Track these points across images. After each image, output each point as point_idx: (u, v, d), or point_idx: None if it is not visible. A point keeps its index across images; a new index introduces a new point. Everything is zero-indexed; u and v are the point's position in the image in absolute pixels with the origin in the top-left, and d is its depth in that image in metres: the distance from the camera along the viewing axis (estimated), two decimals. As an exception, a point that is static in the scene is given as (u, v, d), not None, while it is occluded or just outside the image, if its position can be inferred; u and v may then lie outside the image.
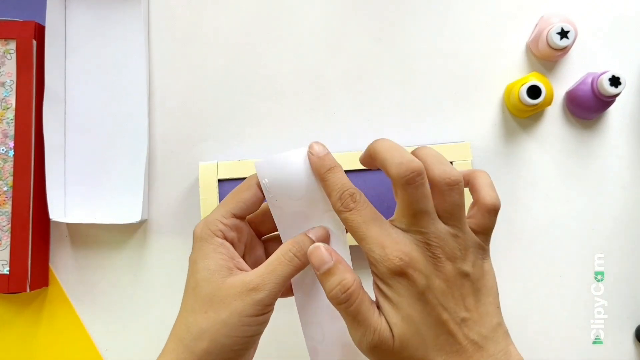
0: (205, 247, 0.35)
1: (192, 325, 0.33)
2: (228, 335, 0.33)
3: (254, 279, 0.34)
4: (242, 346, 0.34)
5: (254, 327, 0.34)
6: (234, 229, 0.36)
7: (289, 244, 0.35)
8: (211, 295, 0.33)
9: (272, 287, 0.33)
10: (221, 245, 0.35)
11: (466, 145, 0.51)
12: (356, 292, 0.32)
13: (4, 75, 0.53)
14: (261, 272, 0.34)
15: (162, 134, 0.56)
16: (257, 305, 0.33)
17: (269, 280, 0.34)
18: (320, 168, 0.34)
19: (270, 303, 0.34)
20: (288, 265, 0.34)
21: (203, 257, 0.35)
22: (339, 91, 0.55)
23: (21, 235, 0.53)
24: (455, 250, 0.32)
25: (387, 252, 0.31)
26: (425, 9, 0.55)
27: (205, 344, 0.33)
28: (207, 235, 0.35)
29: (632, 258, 0.53)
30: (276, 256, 0.35)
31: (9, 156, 0.53)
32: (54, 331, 0.56)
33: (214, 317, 0.33)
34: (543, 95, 0.49)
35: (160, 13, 0.56)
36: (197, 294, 0.34)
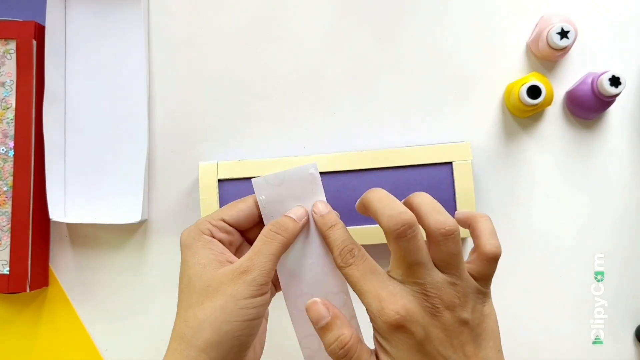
0: (194, 245, 0.35)
1: (190, 319, 0.34)
2: (227, 321, 0.33)
3: (242, 263, 0.34)
4: (244, 331, 0.33)
5: (252, 310, 0.33)
6: (223, 231, 0.36)
7: (268, 225, 0.36)
8: (205, 286, 0.34)
9: (261, 266, 0.34)
10: (210, 242, 0.35)
11: (466, 145, 0.51)
12: (354, 347, 0.33)
13: (4, 75, 0.53)
14: (248, 256, 0.35)
15: (162, 134, 0.56)
16: (250, 286, 0.33)
17: (257, 260, 0.34)
18: (322, 226, 0.36)
19: (263, 282, 0.34)
20: (271, 242, 0.35)
21: (192, 254, 0.35)
22: (339, 91, 0.55)
23: (21, 235, 0.53)
24: (453, 299, 0.32)
25: (384, 305, 0.31)
26: (425, 9, 0.55)
27: (207, 334, 0.33)
28: (194, 234, 0.36)
29: (632, 258, 0.53)
30: (259, 238, 0.35)
31: (9, 156, 0.53)
32: (54, 331, 0.56)
33: (210, 306, 0.33)
34: (543, 95, 0.49)
35: (160, 13, 0.56)
36: (190, 289, 0.34)
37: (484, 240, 0.34)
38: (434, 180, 0.51)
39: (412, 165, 0.51)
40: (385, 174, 0.51)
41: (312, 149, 0.55)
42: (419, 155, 0.51)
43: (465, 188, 0.50)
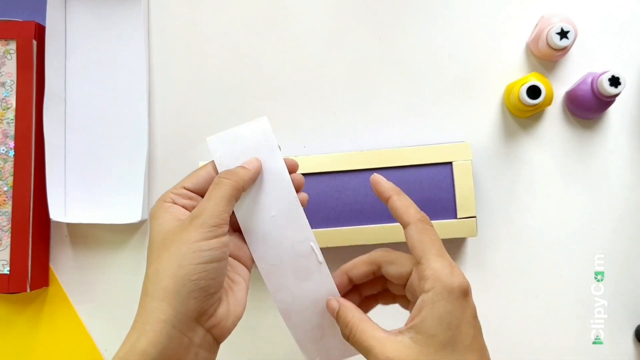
0: (156, 213, 0.36)
1: (150, 274, 0.34)
2: (181, 266, 0.33)
3: (194, 210, 0.35)
4: (201, 275, 0.33)
5: (207, 252, 0.33)
6: (185, 198, 0.37)
7: (219, 174, 0.37)
8: (162, 240, 0.34)
9: (211, 209, 0.34)
10: (171, 207, 0.36)
11: (466, 145, 0.51)
12: (355, 324, 0.36)
13: (4, 75, 0.53)
14: (199, 204, 0.35)
15: (162, 134, 0.56)
16: (201, 228, 0.33)
17: (207, 205, 0.34)
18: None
19: (214, 224, 0.34)
20: (219, 186, 0.35)
21: (155, 221, 0.36)
22: (339, 91, 0.55)
23: (21, 235, 0.53)
24: None
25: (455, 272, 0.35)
26: (425, 9, 0.55)
27: (164, 282, 0.33)
28: (158, 205, 0.36)
29: (632, 258, 0.53)
30: (210, 187, 0.36)
31: (9, 156, 0.53)
32: (54, 331, 0.56)
33: (166, 256, 0.34)
34: (543, 95, 0.49)
35: (160, 13, 0.56)
36: (152, 248, 0.35)
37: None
38: (434, 180, 0.51)
39: (412, 165, 0.51)
40: (385, 174, 0.51)
41: (312, 149, 0.55)
42: (419, 155, 0.51)
43: (465, 188, 0.50)
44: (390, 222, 0.50)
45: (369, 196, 0.51)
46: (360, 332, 0.35)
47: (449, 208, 0.50)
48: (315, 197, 0.51)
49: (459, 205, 0.50)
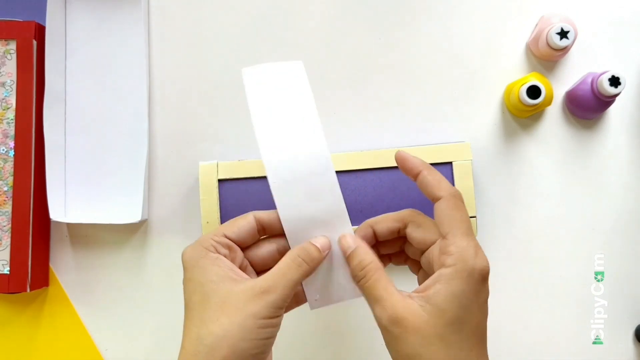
0: (200, 262, 0.35)
1: (205, 337, 0.33)
2: (245, 339, 0.32)
3: (265, 282, 0.34)
4: (259, 350, 0.33)
5: (269, 330, 0.34)
6: (226, 247, 0.36)
7: (296, 250, 0.36)
8: (221, 302, 0.33)
9: (282, 290, 0.34)
10: (217, 258, 0.35)
11: (466, 145, 0.51)
12: (373, 269, 0.35)
13: (4, 75, 0.53)
14: (271, 276, 0.34)
15: (162, 134, 0.56)
16: (270, 307, 0.33)
17: (280, 284, 0.34)
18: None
19: (281, 306, 0.34)
20: (297, 269, 0.35)
21: (201, 272, 0.34)
22: (339, 91, 0.55)
23: (21, 235, 0.53)
24: None
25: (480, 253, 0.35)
26: (425, 9, 0.55)
27: (224, 351, 0.32)
28: (199, 252, 0.35)
29: (632, 258, 0.53)
30: (285, 262, 0.35)
31: (9, 156, 0.53)
32: (54, 331, 0.56)
33: (228, 323, 0.32)
34: (543, 95, 0.49)
35: (160, 13, 0.56)
36: (205, 305, 0.33)
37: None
38: (434, 180, 0.51)
39: (412, 165, 0.51)
40: (385, 174, 0.51)
41: (312, 149, 0.55)
42: (419, 155, 0.50)
43: (465, 188, 0.50)
44: (390, 222, 0.50)
45: (369, 196, 0.51)
46: (375, 279, 0.35)
47: (449, 208, 0.50)
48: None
49: (459, 205, 0.50)
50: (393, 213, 0.39)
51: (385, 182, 0.51)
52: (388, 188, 0.51)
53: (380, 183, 0.51)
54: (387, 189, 0.51)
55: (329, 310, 0.54)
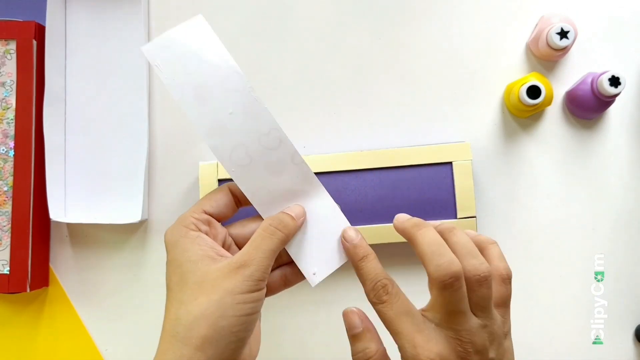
0: (180, 242, 0.34)
1: (183, 316, 0.32)
2: (224, 316, 0.32)
3: (240, 257, 0.33)
4: (241, 327, 0.33)
5: (249, 305, 0.33)
6: (206, 223, 0.36)
7: (268, 220, 0.35)
8: (199, 282, 0.33)
9: (259, 261, 0.33)
10: (197, 237, 0.35)
11: (466, 145, 0.51)
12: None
13: (4, 75, 0.53)
14: (246, 250, 0.34)
15: (162, 134, 0.56)
16: (248, 281, 0.33)
17: (255, 255, 0.33)
18: (353, 256, 0.36)
19: (261, 278, 0.33)
20: (271, 238, 0.34)
21: (182, 251, 0.34)
22: (339, 91, 0.55)
23: (21, 235, 0.53)
24: (484, 342, 0.33)
25: (419, 351, 0.32)
26: (425, 9, 0.55)
27: (203, 330, 0.31)
28: (180, 231, 0.35)
29: (632, 258, 0.53)
30: (258, 233, 0.35)
31: (9, 156, 0.53)
32: (54, 331, 0.56)
33: (206, 301, 0.32)
34: (543, 95, 0.49)
35: (160, 13, 0.56)
36: (182, 286, 0.33)
37: (496, 263, 0.35)
38: (434, 180, 0.51)
39: (412, 165, 0.51)
40: (385, 174, 0.51)
41: (312, 149, 0.55)
42: (419, 155, 0.51)
43: (465, 188, 0.50)
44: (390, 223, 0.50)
45: (369, 196, 0.51)
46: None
47: (449, 208, 0.50)
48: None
49: (459, 205, 0.50)
50: None
51: (385, 182, 0.51)
52: (388, 188, 0.51)
53: (380, 183, 0.51)
54: (387, 189, 0.51)
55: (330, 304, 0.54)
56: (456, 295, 0.32)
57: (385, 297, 0.33)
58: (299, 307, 0.55)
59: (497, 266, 0.35)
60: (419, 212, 0.50)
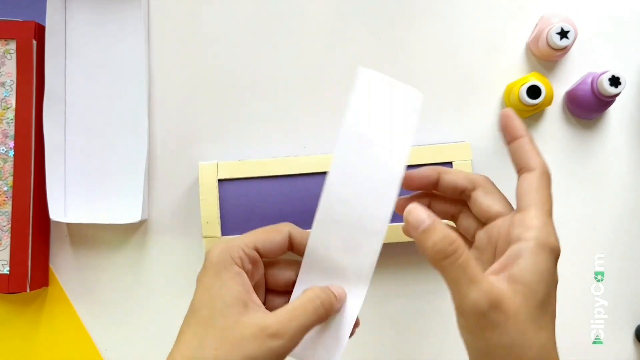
0: (222, 274, 0.33)
1: (199, 356, 0.31)
2: None
3: (273, 323, 0.31)
4: None
5: None
6: (252, 262, 0.34)
7: (317, 291, 0.33)
8: (225, 331, 0.31)
9: (292, 336, 0.31)
10: (238, 274, 0.33)
11: (466, 145, 0.51)
12: (462, 246, 0.30)
13: (4, 75, 0.53)
14: (283, 317, 0.32)
15: (162, 134, 0.56)
16: (273, 354, 0.31)
17: (290, 328, 0.31)
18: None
19: (285, 354, 0.31)
20: (313, 314, 0.32)
21: (219, 285, 0.32)
22: (339, 91, 0.55)
23: (21, 235, 0.53)
24: None
25: None
26: (425, 9, 0.55)
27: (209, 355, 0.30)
28: (226, 260, 0.33)
29: (632, 258, 0.53)
30: (301, 302, 0.33)
31: (9, 156, 0.53)
32: (54, 331, 0.56)
33: (222, 355, 0.30)
34: (543, 95, 0.49)
35: (160, 13, 0.56)
36: (208, 327, 0.32)
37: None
38: (434, 180, 0.50)
39: (412, 165, 0.51)
40: (385, 174, 0.51)
41: (312, 149, 0.55)
42: (419, 155, 0.51)
43: (465, 188, 0.50)
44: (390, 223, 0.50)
45: (369, 196, 0.51)
46: (468, 257, 0.30)
47: (449, 208, 0.50)
48: (316, 198, 0.51)
49: (459, 205, 0.50)
50: (466, 172, 0.35)
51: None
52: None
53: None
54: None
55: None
56: None
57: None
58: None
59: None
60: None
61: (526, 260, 0.30)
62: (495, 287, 0.29)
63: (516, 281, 0.30)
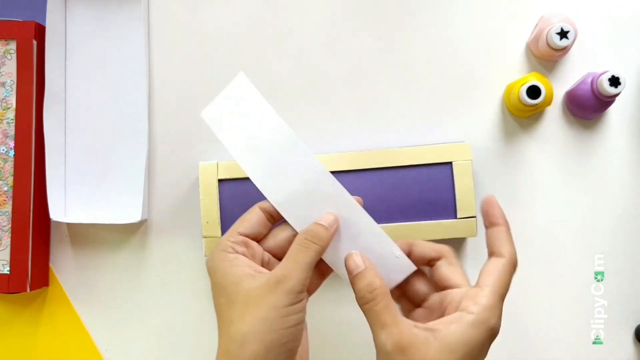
0: (221, 266, 0.36)
1: (234, 334, 0.34)
2: (272, 331, 0.33)
3: (278, 272, 0.35)
4: (289, 338, 0.34)
5: (294, 317, 0.34)
6: (243, 245, 0.38)
7: (302, 233, 0.37)
8: (244, 301, 0.34)
9: (298, 275, 0.35)
10: (235, 259, 0.36)
11: (466, 145, 0.51)
12: (382, 294, 0.35)
13: (4, 75, 0.53)
14: (284, 264, 0.35)
15: (162, 134, 0.56)
16: (289, 294, 0.34)
17: (293, 269, 0.35)
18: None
19: (300, 290, 0.35)
20: (307, 251, 0.36)
21: (223, 275, 0.36)
22: (339, 91, 0.55)
23: (21, 235, 0.53)
24: None
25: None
26: (425, 9, 0.55)
27: (254, 346, 0.33)
28: (219, 256, 0.37)
29: (632, 258, 0.53)
30: (294, 247, 0.36)
31: (9, 156, 0.53)
32: (54, 331, 0.56)
33: (252, 319, 0.34)
34: (543, 95, 0.49)
35: (160, 13, 0.56)
36: (231, 307, 0.35)
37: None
38: (434, 180, 0.51)
39: (412, 165, 0.51)
40: (385, 174, 0.51)
41: (312, 149, 0.54)
42: (419, 155, 0.51)
43: (465, 188, 0.50)
44: (390, 222, 0.50)
45: (369, 196, 0.51)
46: (385, 305, 0.34)
47: (448, 208, 0.50)
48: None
49: (459, 205, 0.50)
50: (432, 242, 0.40)
51: (385, 182, 0.51)
52: (388, 188, 0.51)
53: (380, 183, 0.51)
54: (387, 189, 0.51)
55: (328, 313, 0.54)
56: None
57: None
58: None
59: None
60: (419, 212, 0.50)
61: (459, 327, 0.33)
62: (407, 333, 0.33)
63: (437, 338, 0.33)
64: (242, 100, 0.40)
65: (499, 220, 0.38)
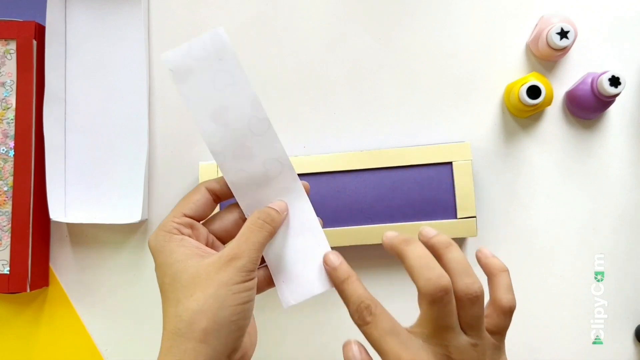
0: (166, 247, 0.35)
1: (182, 313, 0.33)
2: (223, 307, 0.33)
3: (230, 250, 0.34)
4: (239, 315, 0.34)
5: (245, 294, 0.34)
6: (188, 226, 0.37)
7: (256, 214, 0.36)
8: (192, 279, 0.34)
9: (249, 253, 0.34)
10: (182, 239, 0.35)
11: (466, 145, 0.51)
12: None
13: (4, 75, 0.53)
14: (236, 243, 0.35)
15: (162, 134, 0.56)
16: (241, 272, 0.34)
17: (245, 247, 0.34)
18: (335, 279, 0.36)
19: (252, 269, 0.34)
20: (260, 231, 0.35)
21: (169, 254, 0.35)
22: (339, 91, 0.55)
23: (21, 235, 0.53)
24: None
25: None
26: (425, 9, 0.55)
27: (203, 323, 0.32)
28: (163, 237, 0.36)
29: (632, 258, 0.53)
30: (247, 226, 0.36)
31: (9, 156, 0.53)
32: (54, 331, 0.56)
33: (202, 296, 0.33)
34: (543, 95, 0.49)
35: (160, 13, 0.56)
36: (176, 285, 0.34)
37: (501, 295, 0.35)
38: (434, 180, 0.51)
39: (412, 165, 0.51)
40: (385, 174, 0.51)
41: (312, 149, 0.55)
42: (419, 155, 0.51)
43: (465, 188, 0.50)
44: (390, 223, 0.50)
45: (369, 196, 0.51)
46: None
47: (449, 208, 0.50)
48: (316, 197, 0.51)
49: (459, 205, 0.50)
50: None
51: (385, 182, 0.51)
52: (388, 188, 0.51)
53: (380, 183, 0.51)
54: (387, 189, 0.51)
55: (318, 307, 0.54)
56: (445, 310, 0.32)
57: (369, 318, 0.33)
58: (299, 308, 0.55)
59: (501, 297, 0.35)
60: (419, 212, 0.51)
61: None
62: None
63: None
64: (218, 61, 0.36)
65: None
